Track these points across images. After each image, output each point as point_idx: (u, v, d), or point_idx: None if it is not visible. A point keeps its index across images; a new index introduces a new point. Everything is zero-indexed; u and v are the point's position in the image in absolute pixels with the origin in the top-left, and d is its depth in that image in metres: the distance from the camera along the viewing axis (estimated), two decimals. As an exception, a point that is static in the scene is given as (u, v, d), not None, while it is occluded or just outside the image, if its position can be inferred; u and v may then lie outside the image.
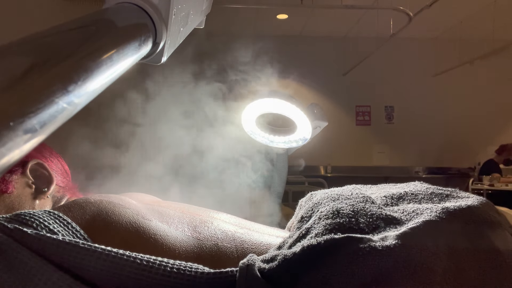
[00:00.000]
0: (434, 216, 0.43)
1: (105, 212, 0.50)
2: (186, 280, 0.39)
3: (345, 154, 5.26)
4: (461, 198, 0.50)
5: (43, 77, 0.24)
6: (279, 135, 0.92)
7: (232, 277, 0.40)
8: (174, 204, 0.63)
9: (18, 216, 0.43)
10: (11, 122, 0.20)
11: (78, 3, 3.85)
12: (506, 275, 0.41)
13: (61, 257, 0.39)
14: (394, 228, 0.44)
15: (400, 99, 5.39)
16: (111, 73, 0.31)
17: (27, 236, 0.39)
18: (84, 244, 0.40)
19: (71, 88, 0.26)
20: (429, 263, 0.39)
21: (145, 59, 0.42)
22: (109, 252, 0.40)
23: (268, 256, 0.43)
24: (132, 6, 0.37)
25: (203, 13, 0.54)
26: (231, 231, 0.55)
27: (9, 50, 0.24)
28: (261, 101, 0.85)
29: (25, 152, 0.22)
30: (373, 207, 0.48)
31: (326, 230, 0.43)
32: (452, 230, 0.43)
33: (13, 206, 0.60)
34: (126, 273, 0.39)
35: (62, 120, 0.25)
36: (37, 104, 0.23)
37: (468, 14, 4.36)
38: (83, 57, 0.28)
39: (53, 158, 0.70)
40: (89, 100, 0.29)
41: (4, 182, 0.60)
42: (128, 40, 0.34)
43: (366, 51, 4.40)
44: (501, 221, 0.47)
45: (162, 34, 0.40)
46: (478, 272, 0.40)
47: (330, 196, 0.54)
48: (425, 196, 0.51)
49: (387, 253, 0.38)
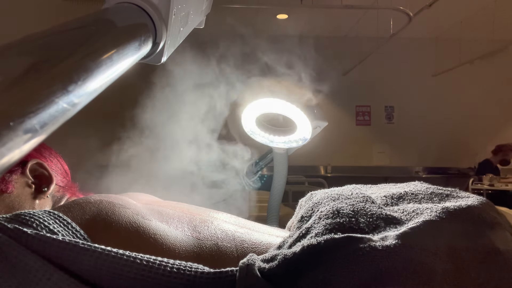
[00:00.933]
0: (434, 216, 0.43)
1: (105, 212, 0.50)
2: (186, 280, 0.39)
3: (345, 154, 5.26)
4: (461, 198, 0.50)
5: (43, 77, 0.24)
6: (279, 135, 0.92)
7: (232, 277, 0.40)
8: (174, 203, 0.63)
9: (18, 216, 0.43)
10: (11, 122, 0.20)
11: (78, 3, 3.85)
12: (506, 275, 0.41)
13: (61, 257, 0.39)
14: (394, 228, 0.44)
15: (400, 99, 5.39)
16: (111, 73, 0.31)
17: (27, 236, 0.39)
18: (84, 244, 0.40)
19: (71, 88, 0.26)
20: (429, 263, 0.39)
21: (145, 59, 0.42)
22: (109, 252, 0.40)
23: (268, 255, 0.43)
24: (132, 6, 0.37)
25: (203, 13, 0.54)
26: (231, 230, 0.55)
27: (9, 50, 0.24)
28: (261, 101, 0.85)
29: (25, 152, 0.22)
30: (373, 207, 0.48)
31: (326, 230, 0.43)
32: (452, 230, 0.43)
33: (13, 206, 0.60)
34: (126, 273, 0.39)
35: (62, 120, 0.25)
36: (37, 104, 0.23)
37: (468, 14, 4.36)
38: (83, 57, 0.28)
39: (53, 158, 0.70)
40: (89, 100, 0.29)
41: (4, 182, 0.60)
42: (128, 40, 0.34)
43: (366, 51, 4.40)
44: (501, 221, 0.47)
45: (162, 34, 0.40)
46: (478, 272, 0.40)
47: (330, 196, 0.54)
48: (425, 196, 0.51)
49: (387, 253, 0.38)
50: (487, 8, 4.06)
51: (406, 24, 3.61)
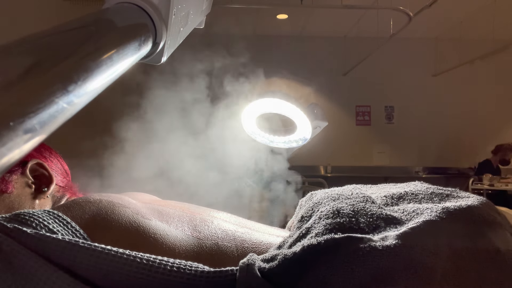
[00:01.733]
0: (435, 216, 0.43)
1: (105, 211, 0.50)
2: (186, 279, 0.39)
3: (345, 154, 5.26)
4: (461, 198, 0.50)
5: (43, 77, 0.24)
6: (279, 135, 0.92)
7: (232, 276, 0.40)
8: (174, 203, 0.63)
9: (18, 215, 0.43)
10: (11, 122, 0.20)
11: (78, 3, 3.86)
12: (506, 275, 0.41)
13: (60, 257, 0.39)
14: (394, 228, 0.44)
15: (400, 99, 5.39)
16: (111, 73, 0.31)
17: (27, 236, 0.39)
18: (84, 243, 0.40)
19: (71, 88, 0.25)
20: (429, 263, 0.39)
21: (145, 59, 0.42)
22: (109, 251, 0.40)
23: (268, 255, 0.43)
24: (132, 6, 0.37)
25: (203, 13, 0.54)
26: (231, 230, 0.55)
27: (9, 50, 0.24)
28: (261, 101, 0.85)
29: (25, 152, 0.22)
30: (373, 207, 0.48)
31: (326, 230, 0.43)
32: (452, 230, 0.43)
33: (13, 206, 0.60)
34: (126, 272, 0.39)
35: (62, 120, 0.25)
36: (37, 104, 0.23)
37: (468, 14, 4.36)
38: (83, 57, 0.28)
39: (53, 158, 0.70)
40: (89, 100, 0.29)
41: (4, 182, 0.60)
42: (128, 40, 0.34)
43: (366, 51, 4.40)
44: (501, 221, 0.47)
45: (162, 34, 0.40)
46: (478, 272, 0.40)
47: (330, 196, 0.54)
48: (426, 196, 0.51)
49: (387, 253, 0.38)
50: (487, 8, 4.06)
51: (406, 24, 3.60)
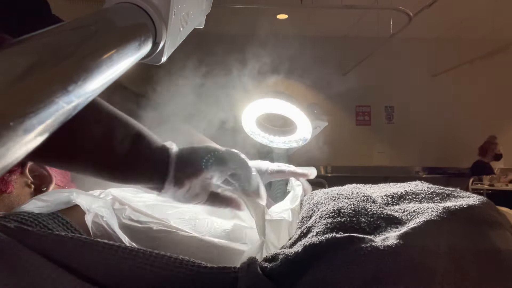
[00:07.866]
0: (435, 216, 0.43)
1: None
2: (188, 274, 0.39)
3: (345, 154, 5.25)
4: (462, 197, 0.50)
5: (43, 77, 0.24)
6: (279, 135, 0.92)
7: (235, 274, 0.40)
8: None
9: (17, 215, 0.43)
10: (11, 122, 0.20)
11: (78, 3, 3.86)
12: (507, 275, 0.41)
13: (61, 254, 0.39)
14: (395, 227, 0.44)
15: (400, 99, 5.39)
16: (111, 73, 0.31)
17: (27, 234, 0.39)
18: (86, 239, 0.40)
19: (71, 88, 0.25)
20: (430, 262, 0.39)
21: (145, 59, 0.42)
22: (111, 245, 0.40)
23: (269, 255, 0.43)
24: (132, 6, 0.37)
25: (203, 13, 0.54)
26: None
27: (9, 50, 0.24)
28: (261, 101, 0.85)
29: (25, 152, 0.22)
30: (374, 206, 0.48)
31: (327, 229, 0.43)
32: (453, 230, 0.43)
33: (13, 206, 0.60)
34: (128, 267, 0.39)
35: (62, 120, 0.25)
36: (37, 104, 0.22)
37: (468, 14, 4.36)
38: (83, 57, 0.28)
39: (53, 158, 0.70)
40: (89, 100, 0.29)
41: (3, 182, 0.60)
42: (128, 40, 0.34)
43: (366, 51, 4.40)
44: (502, 221, 0.47)
45: (162, 34, 0.40)
46: (478, 272, 0.40)
47: (331, 195, 0.54)
48: (426, 196, 0.51)
49: (388, 252, 0.38)
50: (487, 8, 4.06)
51: (406, 24, 3.61)
